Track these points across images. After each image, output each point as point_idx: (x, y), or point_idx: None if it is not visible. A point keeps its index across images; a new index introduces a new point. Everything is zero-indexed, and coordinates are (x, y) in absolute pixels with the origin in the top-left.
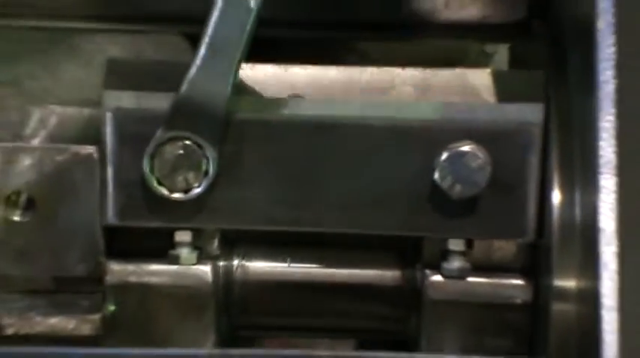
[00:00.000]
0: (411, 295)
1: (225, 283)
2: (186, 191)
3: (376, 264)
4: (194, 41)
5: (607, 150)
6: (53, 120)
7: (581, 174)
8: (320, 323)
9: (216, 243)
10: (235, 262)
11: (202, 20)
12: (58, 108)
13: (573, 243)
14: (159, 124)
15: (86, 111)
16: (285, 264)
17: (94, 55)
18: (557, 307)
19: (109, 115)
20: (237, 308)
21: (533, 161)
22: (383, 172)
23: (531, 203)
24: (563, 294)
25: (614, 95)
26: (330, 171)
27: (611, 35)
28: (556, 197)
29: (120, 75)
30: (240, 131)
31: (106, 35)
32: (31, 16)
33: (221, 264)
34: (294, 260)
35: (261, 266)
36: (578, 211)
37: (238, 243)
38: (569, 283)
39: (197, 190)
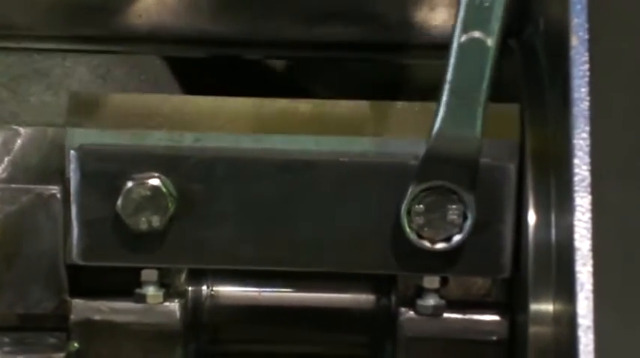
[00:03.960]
0: (385, 323)
1: (194, 312)
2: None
3: (350, 290)
4: (167, 61)
5: (582, 168)
6: (17, 144)
7: (557, 193)
8: (292, 349)
9: (183, 277)
10: (204, 289)
11: (175, 40)
12: (21, 130)
13: (549, 265)
14: (124, 161)
15: (50, 132)
16: (256, 289)
17: (62, 78)
18: (534, 330)
19: (72, 154)
20: (207, 336)
21: (509, 198)
22: (355, 210)
23: (508, 239)
24: (539, 317)
25: (589, 112)
26: (300, 209)
27: (585, 52)
28: (531, 218)
29: (83, 110)
30: (207, 167)
31: (75, 56)
32: None
33: (190, 290)
34: (266, 285)
35: (231, 291)
36: (553, 232)
37: (207, 271)
38: (545, 306)
39: None
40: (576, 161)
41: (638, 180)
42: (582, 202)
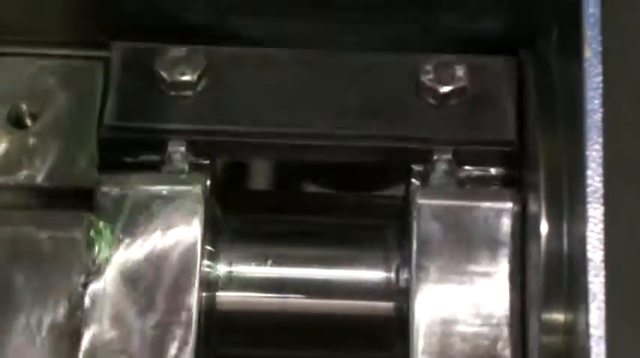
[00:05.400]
0: (398, 324)
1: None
2: None
3: (363, 265)
4: None
5: (595, 179)
6: None
7: (569, 204)
8: (306, 354)
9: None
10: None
11: None
12: None
13: (561, 274)
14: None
15: None
16: (270, 295)
17: None
18: (545, 339)
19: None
20: (218, 338)
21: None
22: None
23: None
24: (550, 327)
25: (602, 124)
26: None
27: (598, 64)
28: (544, 228)
29: None
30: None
31: None
32: None
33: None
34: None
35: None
36: (565, 242)
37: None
38: (556, 315)
39: None
40: (589, 172)
41: None
42: (595, 213)
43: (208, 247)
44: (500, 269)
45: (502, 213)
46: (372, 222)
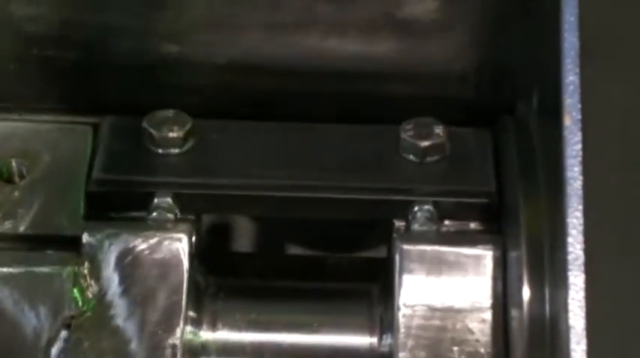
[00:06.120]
0: None
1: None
2: None
3: (346, 330)
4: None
5: (575, 246)
6: None
7: (550, 270)
8: None
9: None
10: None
11: None
12: None
13: (543, 340)
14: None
15: None
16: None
17: None
18: None
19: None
20: None
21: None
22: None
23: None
24: None
25: (582, 191)
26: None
27: (578, 132)
28: (526, 293)
29: None
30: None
31: None
32: None
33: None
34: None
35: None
36: (547, 307)
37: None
38: None
39: None
40: (570, 239)
41: (632, 258)
42: (576, 281)
43: (191, 313)
44: (484, 320)
45: (483, 259)
46: (355, 286)
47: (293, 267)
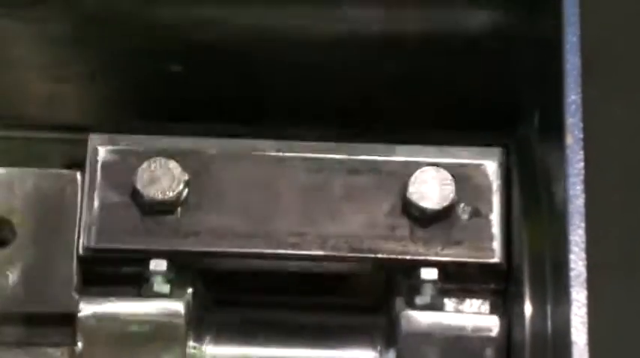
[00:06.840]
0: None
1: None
2: None
3: (349, 344)
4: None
5: (578, 263)
6: None
7: (553, 287)
8: None
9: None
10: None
11: None
12: None
13: (545, 356)
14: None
15: None
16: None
17: None
18: None
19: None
20: None
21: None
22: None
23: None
24: None
25: (584, 209)
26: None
27: (580, 151)
28: (528, 310)
29: None
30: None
31: None
32: None
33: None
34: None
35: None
36: (549, 324)
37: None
38: None
39: None
40: (572, 256)
41: (634, 275)
42: (579, 297)
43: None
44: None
45: (488, 342)
46: (357, 300)
47: (294, 281)
